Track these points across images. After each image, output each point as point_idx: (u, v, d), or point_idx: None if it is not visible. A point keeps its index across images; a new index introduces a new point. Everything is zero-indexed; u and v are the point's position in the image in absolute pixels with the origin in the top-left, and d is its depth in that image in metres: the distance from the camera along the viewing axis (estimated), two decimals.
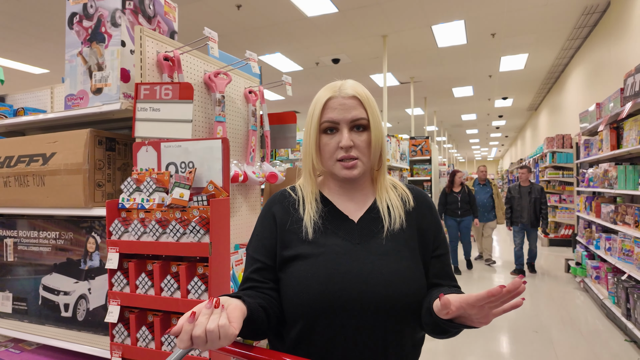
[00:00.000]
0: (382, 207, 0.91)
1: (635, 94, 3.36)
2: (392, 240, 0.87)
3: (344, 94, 0.87)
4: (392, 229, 0.88)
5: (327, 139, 0.87)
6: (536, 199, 5.72)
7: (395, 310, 0.80)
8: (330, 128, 0.87)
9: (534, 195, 5.74)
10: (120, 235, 1.27)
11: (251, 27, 6.27)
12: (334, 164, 0.87)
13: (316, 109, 0.88)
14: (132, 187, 1.30)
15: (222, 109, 1.68)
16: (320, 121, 0.87)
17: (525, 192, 5.80)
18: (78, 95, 1.60)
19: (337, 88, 0.89)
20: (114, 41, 1.55)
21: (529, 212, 5.73)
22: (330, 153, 0.87)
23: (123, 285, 1.27)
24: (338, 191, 0.93)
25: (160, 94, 1.38)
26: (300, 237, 0.87)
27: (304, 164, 0.92)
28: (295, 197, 0.93)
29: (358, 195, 0.93)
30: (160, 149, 1.35)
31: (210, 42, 1.48)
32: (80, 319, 1.60)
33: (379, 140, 0.88)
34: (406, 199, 0.94)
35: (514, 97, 11.67)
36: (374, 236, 0.87)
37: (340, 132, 0.86)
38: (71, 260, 1.63)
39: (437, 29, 6.44)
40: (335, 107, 0.86)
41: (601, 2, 5.66)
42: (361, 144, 0.86)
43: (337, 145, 0.86)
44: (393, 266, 0.83)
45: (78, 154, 1.48)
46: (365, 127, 0.87)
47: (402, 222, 0.89)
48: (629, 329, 3.31)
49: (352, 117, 0.86)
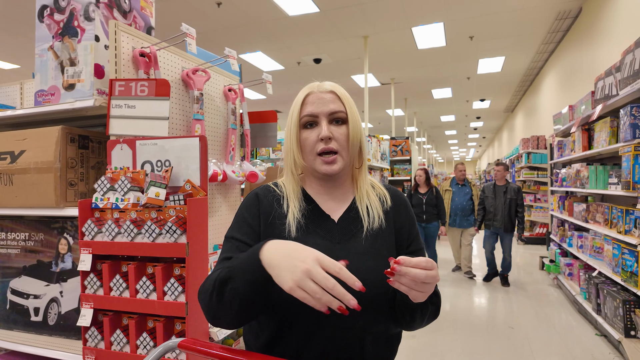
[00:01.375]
0: (362, 207, 0.92)
1: (605, 96, 3.49)
2: (371, 240, 0.88)
3: (322, 89, 0.90)
4: (371, 228, 0.89)
5: (307, 133, 0.88)
6: (511, 200, 5.06)
7: (371, 308, 0.81)
8: (310, 122, 0.88)
9: (509, 195, 5.08)
10: (94, 235, 1.23)
11: (232, 25, 6.20)
12: (314, 159, 0.88)
13: (295, 106, 0.90)
14: (106, 186, 1.26)
15: (201, 107, 1.65)
16: (300, 116, 0.88)
17: (500, 191, 5.16)
18: (49, 91, 1.54)
19: (315, 85, 0.92)
20: (87, 36, 1.50)
21: (503, 214, 5.07)
22: (310, 147, 0.87)
23: (96, 287, 1.23)
24: (318, 189, 0.94)
25: (136, 91, 1.34)
26: (282, 234, 0.86)
27: (286, 161, 0.93)
28: (279, 193, 0.93)
29: (338, 193, 0.94)
30: (136, 147, 1.32)
31: (188, 39, 1.45)
32: (52, 323, 1.54)
33: (358, 135, 0.90)
34: (384, 198, 0.96)
35: (491, 99, 11.94)
36: (353, 235, 0.88)
37: (320, 125, 0.87)
38: (42, 262, 1.57)
39: (417, 30, 6.53)
40: (314, 102, 0.88)
41: (573, 8, 5.85)
42: (340, 136, 0.87)
43: (317, 138, 0.87)
44: (371, 264, 0.84)
45: (49, 151, 1.43)
46: (344, 120, 0.89)
47: (380, 221, 0.91)
48: (599, 324, 3.43)
49: (330, 109, 0.87)
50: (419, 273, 0.68)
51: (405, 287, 0.69)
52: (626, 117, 2.85)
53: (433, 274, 0.69)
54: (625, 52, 2.98)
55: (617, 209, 3.13)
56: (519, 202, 5.07)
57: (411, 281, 0.68)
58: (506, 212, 5.08)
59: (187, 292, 1.14)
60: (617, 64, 3.18)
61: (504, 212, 5.09)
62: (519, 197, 5.08)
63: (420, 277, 0.68)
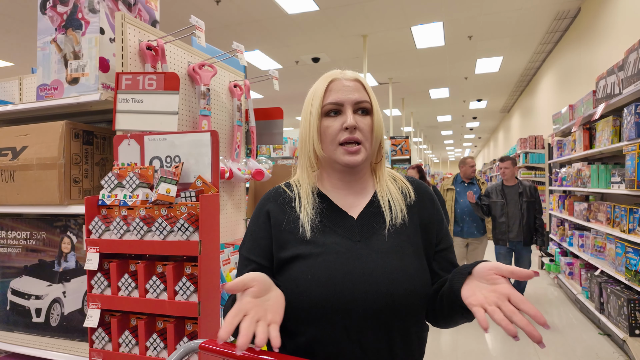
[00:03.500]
0: (383, 201, 0.86)
1: (607, 95, 3.49)
2: (394, 237, 0.82)
3: (346, 77, 0.86)
4: (394, 224, 0.84)
5: (330, 122, 0.83)
6: (529, 204, 3.88)
7: (400, 309, 0.76)
8: (333, 110, 0.83)
9: (526, 197, 3.90)
10: (101, 234, 1.19)
11: (230, 23, 6.15)
12: (335, 148, 0.83)
13: (317, 92, 0.84)
14: (113, 183, 1.22)
15: (207, 102, 1.61)
16: (323, 104, 0.83)
17: (512, 194, 3.97)
18: (52, 85, 1.49)
19: (338, 72, 0.87)
20: (91, 28, 1.45)
21: (521, 224, 3.87)
22: (332, 136, 0.82)
23: (104, 287, 1.19)
24: (337, 183, 0.88)
25: (144, 85, 1.30)
26: (298, 237, 0.82)
27: (302, 154, 0.88)
28: (290, 195, 0.88)
29: (358, 187, 0.89)
30: (144, 142, 1.27)
31: (197, 31, 1.41)
32: (54, 324, 1.50)
33: (381, 127, 0.86)
34: (407, 191, 0.90)
35: (488, 99, 11.97)
36: (375, 233, 0.83)
37: (344, 113, 0.83)
38: (43, 261, 1.53)
39: (416, 30, 6.51)
40: (339, 89, 0.84)
41: (572, 8, 5.86)
42: (365, 127, 0.83)
43: (340, 127, 0.82)
44: (396, 264, 0.79)
45: (52, 147, 1.38)
46: (368, 111, 0.85)
47: (403, 216, 0.85)
48: (602, 323, 3.43)
49: (356, 98, 0.83)
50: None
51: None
52: (630, 115, 2.85)
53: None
54: (629, 51, 2.98)
55: (621, 208, 3.13)
56: (538, 206, 3.92)
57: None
58: (525, 221, 3.87)
59: (200, 292, 1.10)
60: (620, 62, 3.18)
61: (522, 221, 3.88)
62: (537, 198, 3.95)
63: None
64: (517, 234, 3.90)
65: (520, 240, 3.88)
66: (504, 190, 4.03)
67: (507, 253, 4.02)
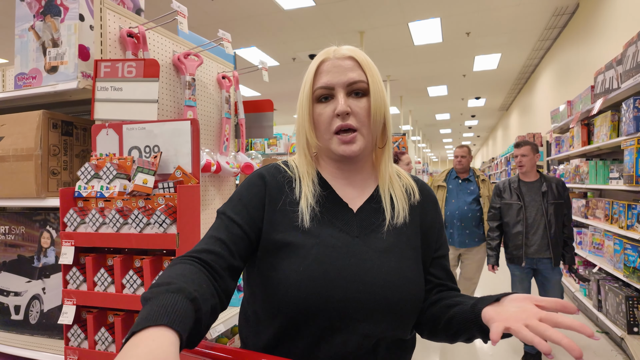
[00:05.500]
0: (385, 197, 0.80)
1: (606, 90, 3.44)
2: (394, 236, 0.77)
3: (339, 55, 0.77)
4: (395, 223, 0.78)
5: (322, 108, 0.75)
6: (557, 207, 2.79)
7: (393, 315, 0.71)
8: (324, 95, 0.75)
9: (553, 197, 2.80)
10: (76, 227, 1.14)
11: (225, 18, 6.09)
12: (330, 137, 0.75)
13: (308, 76, 0.77)
14: (90, 174, 1.17)
15: (193, 93, 1.56)
16: (313, 88, 0.76)
17: (533, 192, 2.85)
18: (30, 74, 1.44)
19: (331, 50, 0.78)
20: (70, 15, 1.40)
21: (546, 234, 2.77)
22: (325, 124, 0.75)
23: (80, 282, 1.14)
24: (335, 173, 0.81)
25: (123, 72, 1.25)
26: (293, 223, 0.74)
27: (298, 141, 0.81)
28: (291, 175, 0.80)
29: (358, 179, 0.81)
30: (123, 131, 1.22)
31: (179, 17, 1.36)
32: (33, 322, 1.45)
33: (381, 108, 0.76)
34: (411, 191, 0.83)
35: (486, 97, 11.92)
36: (374, 229, 0.76)
37: (336, 97, 0.74)
38: (23, 257, 1.48)
39: (414, 26, 6.46)
40: (329, 70, 0.75)
41: (570, 4, 5.82)
42: (360, 111, 0.74)
43: (332, 114, 0.74)
44: (393, 265, 0.73)
45: (29, 138, 1.33)
46: (365, 92, 0.76)
47: (405, 216, 0.79)
48: (600, 320, 3.39)
49: (348, 79, 0.74)
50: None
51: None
52: (629, 110, 2.80)
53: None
54: (628, 44, 2.93)
55: (619, 204, 3.08)
56: (567, 209, 2.84)
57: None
58: (551, 230, 2.75)
59: None
60: (619, 56, 3.13)
61: (549, 230, 2.76)
62: (567, 200, 2.85)
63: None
64: (539, 249, 2.78)
65: (547, 257, 2.78)
66: (521, 188, 2.88)
67: (525, 276, 2.89)
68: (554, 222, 2.77)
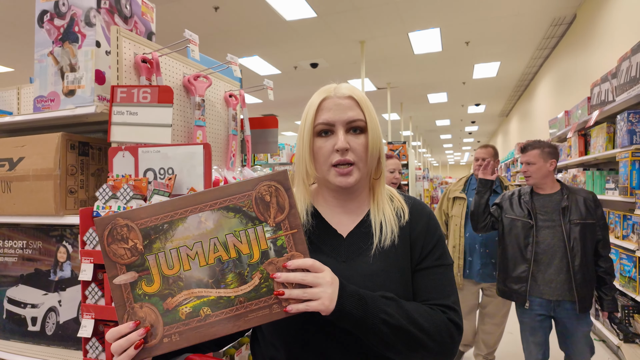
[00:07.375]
0: (375, 221, 0.84)
1: (601, 102, 3.52)
2: (380, 259, 0.81)
3: (339, 94, 0.82)
4: (382, 246, 0.82)
5: (322, 142, 0.81)
6: (585, 228, 2.01)
7: None
8: (325, 130, 0.81)
9: (579, 216, 2.02)
10: (95, 245, 1.21)
11: (229, 29, 6.19)
12: (328, 169, 0.81)
13: (310, 111, 0.82)
14: (107, 195, 1.24)
15: (202, 113, 1.64)
16: (314, 123, 0.81)
17: (549, 208, 2.10)
18: (48, 97, 1.52)
19: (332, 89, 0.84)
20: (88, 41, 1.48)
21: (570, 268, 2.00)
22: (324, 157, 0.81)
23: (98, 297, 1.21)
24: (332, 201, 0.87)
25: (138, 97, 1.33)
26: None
27: (297, 171, 0.86)
28: None
29: (352, 206, 0.87)
30: (138, 154, 1.30)
31: (190, 45, 1.44)
32: (50, 333, 1.51)
33: (377, 145, 0.82)
34: (401, 212, 0.87)
35: (486, 103, 12.02)
36: (361, 253, 0.81)
37: (336, 134, 0.80)
38: (39, 270, 1.55)
39: (414, 36, 6.56)
40: (330, 108, 0.81)
41: (568, 14, 5.91)
42: (358, 147, 0.80)
43: (332, 149, 0.80)
44: (377, 289, 0.77)
45: (48, 158, 1.41)
46: (363, 129, 0.82)
47: (393, 238, 0.83)
48: (597, 329, 3.44)
49: (348, 117, 0.80)
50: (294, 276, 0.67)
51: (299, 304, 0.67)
52: (623, 123, 2.88)
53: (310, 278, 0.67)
54: (622, 59, 3.01)
55: (615, 214, 3.15)
56: (602, 232, 2.06)
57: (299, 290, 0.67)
58: (575, 262, 2.00)
59: None
60: (613, 70, 3.21)
61: (570, 261, 2.00)
62: (600, 219, 2.07)
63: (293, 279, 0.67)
64: (559, 287, 2.02)
65: (569, 300, 2.02)
66: (534, 202, 2.14)
67: (538, 324, 2.11)
68: (579, 250, 1.98)
